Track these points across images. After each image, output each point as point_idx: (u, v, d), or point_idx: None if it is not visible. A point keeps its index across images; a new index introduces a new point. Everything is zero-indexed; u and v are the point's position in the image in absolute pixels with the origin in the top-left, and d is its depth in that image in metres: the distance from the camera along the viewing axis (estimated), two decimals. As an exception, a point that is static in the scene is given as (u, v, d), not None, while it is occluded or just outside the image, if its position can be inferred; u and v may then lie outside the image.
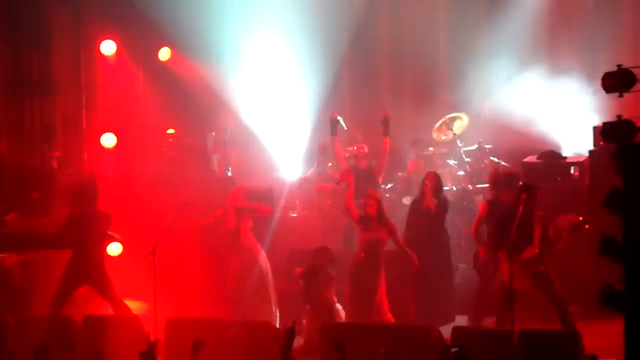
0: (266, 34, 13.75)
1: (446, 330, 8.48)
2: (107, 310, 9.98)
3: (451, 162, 12.89)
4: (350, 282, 9.80)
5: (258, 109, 13.75)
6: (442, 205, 10.58)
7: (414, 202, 10.77)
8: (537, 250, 9.11)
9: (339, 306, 9.72)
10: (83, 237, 9.67)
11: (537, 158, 11.64)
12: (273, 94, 13.83)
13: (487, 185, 11.96)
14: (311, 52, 13.84)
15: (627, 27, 12.85)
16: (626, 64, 6.20)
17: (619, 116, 6.15)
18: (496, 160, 12.68)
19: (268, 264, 10.28)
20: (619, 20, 12.85)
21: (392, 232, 9.82)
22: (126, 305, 9.84)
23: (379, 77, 13.95)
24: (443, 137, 13.01)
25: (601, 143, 10.74)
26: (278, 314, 10.24)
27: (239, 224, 10.19)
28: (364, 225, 9.84)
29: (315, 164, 12.91)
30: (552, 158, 11.54)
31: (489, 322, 9.80)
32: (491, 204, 10.04)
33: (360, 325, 9.42)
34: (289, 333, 6.55)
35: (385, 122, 10.97)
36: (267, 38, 13.77)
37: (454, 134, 12.90)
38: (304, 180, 12.90)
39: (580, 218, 9.05)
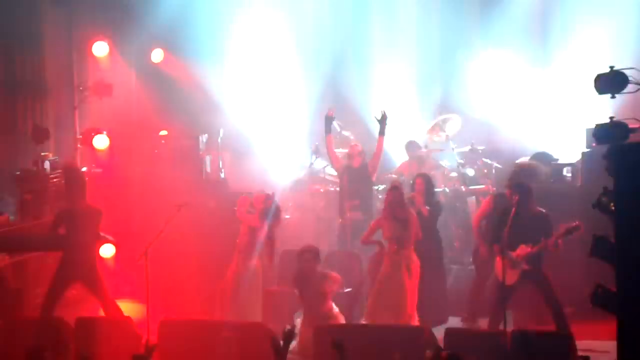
0: (260, 35, 13.75)
1: (439, 332, 8.49)
2: (99, 312, 9.97)
3: (444, 163, 12.90)
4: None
5: (251, 110, 13.74)
6: (435, 208, 10.58)
7: (406, 205, 10.77)
8: (530, 250, 9.14)
9: (335, 308, 9.68)
10: (74, 234, 9.66)
11: (530, 159, 11.66)
12: (266, 95, 13.83)
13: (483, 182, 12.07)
14: (305, 52, 13.85)
15: (620, 28, 12.88)
16: (618, 66, 6.22)
17: (611, 118, 6.17)
18: (489, 161, 12.70)
19: (259, 264, 10.27)
20: (614, 21, 12.88)
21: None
22: (117, 306, 9.83)
23: (372, 77, 13.95)
24: (436, 139, 13.02)
25: (594, 144, 10.76)
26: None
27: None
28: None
29: (308, 165, 12.90)
30: (545, 159, 11.55)
31: (482, 323, 9.81)
32: (496, 199, 10.05)
33: (354, 326, 9.42)
34: (288, 335, 6.54)
35: (383, 121, 10.98)
36: (261, 39, 13.77)
37: (447, 135, 12.91)
38: (297, 182, 12.89)
39: (576, 223, 9.06)
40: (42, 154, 11.92)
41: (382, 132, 10.98)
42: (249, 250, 10.05)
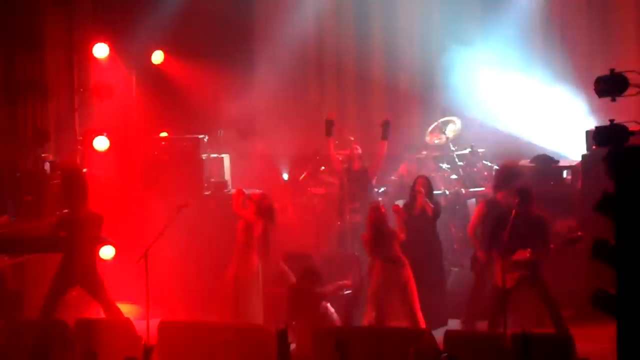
0: (259, 36, 13.76)
1: (439, 334, 8.49)
2: (100, 313, 9.97)
3: (444, 166, 12.90)
4: None
5: (251, 111, 13.74)
6: (435, 209, 10.59)
7: (405, 206, 10.77)
8: (527, 255, 9.13)
9: (331, 309, 9.68)
10: (75, 239, 9.65)
11: (530, 162, 11.66)
12: (266, 97, 13.83)
13: (483, 184, 12.04)
14: (305, 53, 13.84)
15: (620, 30, 12.88)
16: (619, 68, 6.21)
17: (611, 120, 6.16)
18: (489, 164, 12.70)
19: (259, 265, 10.27)
20: (613, 24, 12.88)
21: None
22: (118, 308, 9.82)
23: (372, 80, 13.96)
24: (436, 141, 13.02)
25: (594, 147, 10.76)
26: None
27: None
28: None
29: (308, 167, 12.92)
30: (545, 162, 11.56)
31: (482, 325, 9.81)
32: (489, 204, 10.07)
33: (352, 328, 9.42)
34: (281, 336, 6.53)
35: (386, 126, 11.00)
36: (260, 40, 13.77)
37: (447, 138, 12.90)
38: (297, 184, 12.90)
39: (579, 233, 9.05)
40: (42, 155, 11.93)
41: (384, 137, 11.02)
42: (247, 249, 10.05)
